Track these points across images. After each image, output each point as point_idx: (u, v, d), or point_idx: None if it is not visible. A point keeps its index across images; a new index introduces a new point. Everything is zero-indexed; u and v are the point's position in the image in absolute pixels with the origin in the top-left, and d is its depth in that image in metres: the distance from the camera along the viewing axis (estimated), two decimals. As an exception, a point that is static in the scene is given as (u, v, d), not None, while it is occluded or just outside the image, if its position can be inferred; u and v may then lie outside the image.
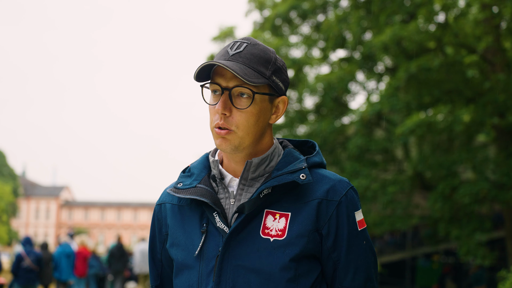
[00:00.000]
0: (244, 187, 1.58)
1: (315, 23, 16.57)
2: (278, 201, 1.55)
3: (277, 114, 1.61)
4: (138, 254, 14.56)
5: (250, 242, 1.52)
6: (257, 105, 1.54)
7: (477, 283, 14.59)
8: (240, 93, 1.53)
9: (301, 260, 1.51)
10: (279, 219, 1.53)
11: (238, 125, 1.52)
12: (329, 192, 1.55)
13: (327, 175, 1.60)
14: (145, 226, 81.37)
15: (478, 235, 11.71)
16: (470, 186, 11.45)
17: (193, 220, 1.61)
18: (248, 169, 1.57)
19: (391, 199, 13.56)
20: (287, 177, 1.52)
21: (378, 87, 16.06)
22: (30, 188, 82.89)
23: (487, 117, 11.18)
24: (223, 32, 17.56)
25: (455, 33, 11.81)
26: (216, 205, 1.55)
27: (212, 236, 1.55)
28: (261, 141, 1.60)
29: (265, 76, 1.53)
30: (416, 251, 21.96)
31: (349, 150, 13.91)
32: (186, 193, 1.59)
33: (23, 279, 11.28)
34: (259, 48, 1.56)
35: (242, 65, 1.51)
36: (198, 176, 1.63)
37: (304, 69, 16.12)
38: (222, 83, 1.53)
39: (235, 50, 1.54)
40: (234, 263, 1.51)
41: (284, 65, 1.62)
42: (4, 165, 63.96)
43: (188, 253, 1.58)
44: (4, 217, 52.62)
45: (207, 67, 1.54)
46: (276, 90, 1.58)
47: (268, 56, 1.56)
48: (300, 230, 1.51)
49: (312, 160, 1.61)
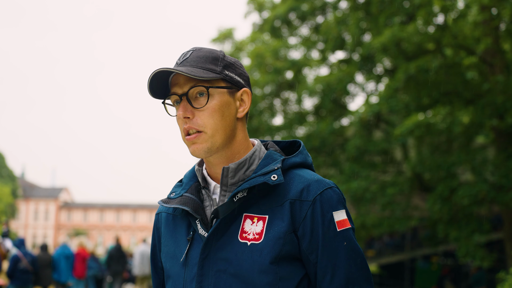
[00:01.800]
0: (225, 193, 1.58)
1: (314, 24, 16.59)
2: (256, 204, 1.54)
3: (244, 107, 1.61)
4: (138, 255, 14.55)
5: (230, 247, 1.52)
6: (216, 100, 1.55)
7: (477, 284, 14.59)
8: (197, 93, 1.55)
9: (281, 263, 1.49)
10: (257, 223, 1.52)
11: (205, 124, 1.53)
12: (303, 192, 1.52)
13: (304, 175, 1.57)
14: (144, 227, 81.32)
15: (477, 237, 11.71)
16: (469, 187, 11.45)
17: (182, 229, 1.63)
18: (226, 175, 1.57)
19: (390, 201, 13.56)
20: (258, 179, 1.51)
21: (377, 88, 16.07)
22: (29, 189, 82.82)
23: (486, 119, 11.18)
24: (222, 34, 17.57)
25: (454, 35, 11.82)
26: (196, 213, 1.56)
27: (196, 243, 1.57)
28: (234, 138, 1.59)
29: (215, 72, 1.55)
30: (415, 253, 21.95)
31: (348, 152, 13.92)
32: (173, 203, 1.61)
33: (20, 280, 11.16)
34: (204, 50, 1.60)
35: (190, 67, 1.54)
36: (186, 185, 1.66)
37: (303, 71, 16.14)
38: (178, 91, 1.55)
39: (182, 59, 1.58)
40: (215, 268, 1.52)
41: (237, 61, 1.64)
42: (3, 167, 63.93)
43: (176, 261, 1.61)
44: (3, 219, 52.60)
45: (163, 83, 1.57)
46: (233, 83, 1.59)
47: (215, 55, 1.59)
48: (275, 233, 1.49)
49: (290, 161, 1.60)
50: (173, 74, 1.57)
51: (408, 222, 14.61)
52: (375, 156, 15.07)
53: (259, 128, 15.75)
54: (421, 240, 21.64)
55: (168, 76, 1.58)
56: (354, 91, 16.18)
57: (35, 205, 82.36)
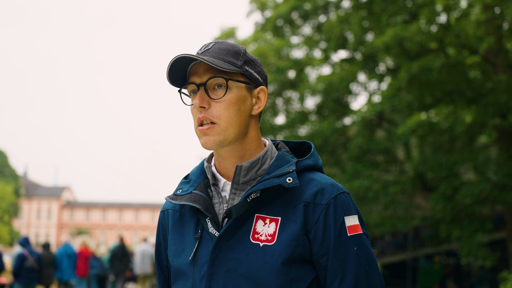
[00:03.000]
0: (236, 191, 1.57)
1: (317, 23, 16.57)
2: (268, 205, 1.54)
3: (259, 105, 1.61)
4: (139, 255, 14.57)
5: (241, 247, 1.51)
6: (234, 94, 1.54)
7: (480, 284, 14.57)
8: (215, 85, 1.54)
9: (293, 265, 1.49)
10: (269, 224, 1.52)
11: (220, 116, 1.52)
12: (316, 195, 1.52)
13: (318, 178, 1.57)
14: (146, 226, 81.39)
15: (479, 236, 11.68)
16: (471, 187, 11.43)
17: (190, 227, 1.61)
18: (239, 173, 1.56)
19: (392, 200, 13.55)
20: (273, 180, 1.51)
21: (379, 87, 16.04)
22: (31, 188, 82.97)
23: (488, 118, 11.16)
24: (224, 33, 17.56)
25: (457, 34, 11.79)
26: (208, 211, 1.55)
27: (206, 241, 1.55)
28: (246, 135, 1.58)
29: (236, 65, 1.55)
30: (417, 252, 21.94)
31: (350, 151, 13.90)
32: (182, 200, 1.59)
33: (25, 279, 11.19)
34: (226, 43, 1.59)
35: (211, 57, 1.53)
36: (195, 182, 1.64)
37: (306, 70, 16.13)
38: (197, 80, 1.55)
39: (203, 49, 1.57)
40: (225, 268, 1.50)
41: (258, 60, 1.64)
42: (5, 166, 64.01)
43: (184, 260, 1.59)
44: (5, 218, 52.71)
45: (182, 71, 1.57)
46: (252, 80, 1.59)
47: (237, 49, 1.59)
48: (289, 235, 1.49)
49: (303, 163, 1.59)
50: (192, 63, 1.57)
51: (410, 221, 14.61)
52: (378, 155, 15.05)
53: (261, 127, 15.73)
54: (423, 240, 21.62)
55: (188, 65, 1.57)
56: (357, 90, 16.17)
57: (38, 204, 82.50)
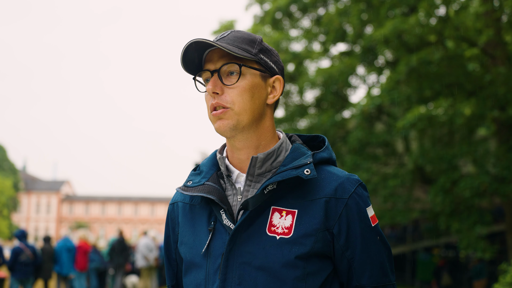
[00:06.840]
0: (251, 183, 1.56)
1: (316, 16, 16.54)
2: (284, 197, 1.53)
3: (274, 94, 1.60)
4: (141, 248, 14.58)
5: (257, 240, 1.49)
6: (248, 80, 1.53)
7: (478, 276, 14.57)
8: (229, 72, 1.54)
9: (310, 259, 1.48)
10: (286, 216, 1.50)
11: (233, 101, 1.52)
12: (337, 189, 1.52)
13: (335, 172, 1.58)
14: (145, 220, 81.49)
15: (478, 229, 11.70)
16: (470, 179, 11.44)
17: (202, 219, 1.59)
18: (254, 164, 1.55)
19: (392, 193, 13.57)
20: (291, 172, 1.50)
21: (378, 80, 16.03)
22: (30, 182, 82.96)
23: (487, 111, 11.16)
24: (223, 26, 17.51)
25: (456, 27, 11.77)
26: (222, 202, 1.53)
27: (219, 233, 1.53)
28: (261, 123, 1.57)
29: (250, 53, 1.54)
30: (416, 245, 21.99)
31: (349, 144, 13.90)
32: (194, 191, 1.57)
33: (20, 273, 11.09)
34: (243, 32, 1.59)
35: (226, 44, 1.53)
36: (207, 174, 1.62)
37: (305, 63, 16.10)
38: (211, 67, 1.55)
39: (219, 37, 1.57)
40: (240, 261, 1.49)
41: (274, 50, 1.63)
42: (4, 160, 64.01)
43: (196, 252, 1.57)
44: (5, 212, 52.72)
45: (197, 58, 1.57)
46: (267, 68, 1.58)
47: (253, 38, 1.58)
48: (307, 229, 1.48)
49: (319, 155, 1.59)
50: (208, 51, 1.56)
51: (409, 214, 14.63)
52: (377, 148, 15.06)
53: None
54: (422, 232, 21.68)
55: (203, 52, 1.57)
56: (356, 83, 16.16)
57: (37, 198, 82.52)
